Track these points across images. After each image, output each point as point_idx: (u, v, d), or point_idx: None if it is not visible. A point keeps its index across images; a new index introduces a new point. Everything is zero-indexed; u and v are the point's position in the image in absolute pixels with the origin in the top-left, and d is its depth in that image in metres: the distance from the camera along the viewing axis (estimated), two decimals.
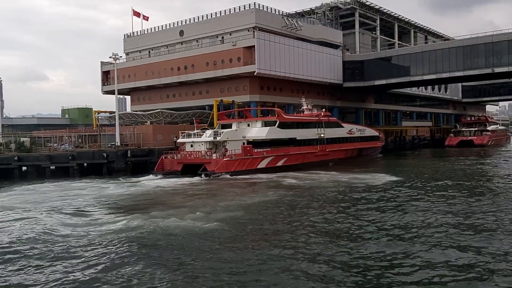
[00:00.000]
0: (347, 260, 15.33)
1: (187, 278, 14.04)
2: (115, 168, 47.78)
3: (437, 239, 17.54)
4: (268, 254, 16.04)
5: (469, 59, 66.84)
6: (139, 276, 14.15)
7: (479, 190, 30.95)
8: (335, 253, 16.08)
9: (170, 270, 14.68)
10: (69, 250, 17.19)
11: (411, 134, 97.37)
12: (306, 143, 53.12)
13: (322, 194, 30.58)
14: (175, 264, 15.33)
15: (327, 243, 17.36)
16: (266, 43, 61.13)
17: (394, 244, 17.12)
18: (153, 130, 54.71)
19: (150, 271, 14.54)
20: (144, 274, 14.32)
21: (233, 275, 14.09)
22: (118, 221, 22.22)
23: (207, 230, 19.89)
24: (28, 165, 47.95)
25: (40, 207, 27.02)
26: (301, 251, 16.31)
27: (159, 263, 15.39)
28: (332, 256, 15.75)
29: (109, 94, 79.23)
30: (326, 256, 15.75)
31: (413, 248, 16.48)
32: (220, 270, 14.57)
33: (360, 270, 14.36)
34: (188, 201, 29.08)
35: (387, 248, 16.51)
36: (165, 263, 15.38)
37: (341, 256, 15.72)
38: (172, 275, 14.18)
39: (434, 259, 15.17)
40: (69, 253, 16.71)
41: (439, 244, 16.89)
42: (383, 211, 23.68)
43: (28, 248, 17.40)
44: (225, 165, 42.89)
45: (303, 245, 17.10)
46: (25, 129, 79.12)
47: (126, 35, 79.47)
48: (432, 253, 15.79)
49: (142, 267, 15.00)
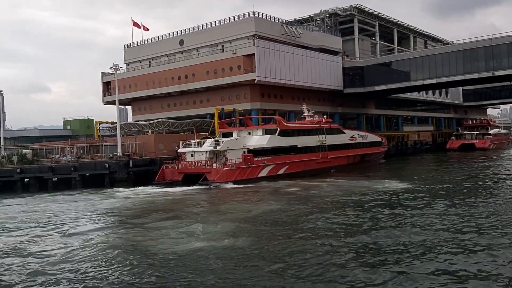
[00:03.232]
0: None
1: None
2: (117, 179, 47.73)
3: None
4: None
5: (469, 63, 66.81)
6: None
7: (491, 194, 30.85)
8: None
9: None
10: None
11: (413, 139, 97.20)
12: (307, 150, 52.98)
13: (328, 203, 30.43)
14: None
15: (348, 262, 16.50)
16: (266, 51, 61.31)
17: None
18: (155, 139, 54.73)
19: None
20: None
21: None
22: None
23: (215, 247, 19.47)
24: (30, 177, 47.99)
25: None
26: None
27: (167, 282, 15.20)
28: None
29: (110, 104, 79.41)
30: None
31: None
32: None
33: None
34: (174, 215, 28.31)
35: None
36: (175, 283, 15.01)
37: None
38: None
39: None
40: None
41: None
42: (397, 221, 23.53)
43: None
44: (225, 174, 42.83)
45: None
46: (27, 141, 79.28)
47: (127, 45, 79.81)
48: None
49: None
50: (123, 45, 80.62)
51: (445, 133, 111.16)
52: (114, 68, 54.32)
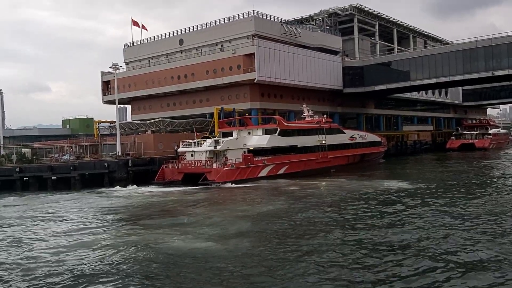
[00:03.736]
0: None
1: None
2: (116, 178, 47.66)
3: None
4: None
5: (468, 63, 66.78)
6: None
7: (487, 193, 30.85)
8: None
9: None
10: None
11: (412, 139, 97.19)
12: (307, 150, 52.93)
13: (327, 203, 30.41)
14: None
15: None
16: (266, 51, 61.24)
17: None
18: (154, 139, 54.64)
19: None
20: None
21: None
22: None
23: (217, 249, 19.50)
24: (29, 176, 47.90)
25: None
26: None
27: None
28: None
29: (109, 104, 79.35)
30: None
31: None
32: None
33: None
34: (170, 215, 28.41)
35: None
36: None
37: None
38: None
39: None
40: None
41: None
42: (400, 222, 23.54)
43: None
44: (225, 174, 42.77)
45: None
46: (27, 140, 79.12)
47: (126, 44, 79.73)
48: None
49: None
50: (123, 45, 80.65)
51: (445, 133, 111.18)
52: (113, 68, 54.27)
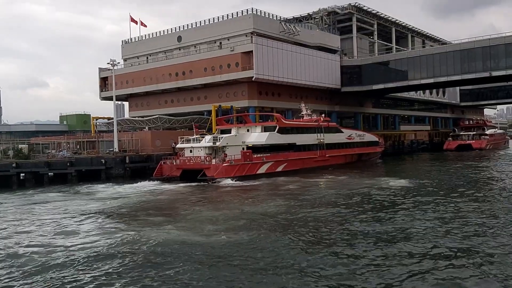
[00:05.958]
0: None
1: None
2: (113, 174, 47.57)
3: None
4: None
5: (466, 63, 66.92)
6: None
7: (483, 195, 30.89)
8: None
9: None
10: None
11: (409, 138, 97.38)
12: (305, 148, 53.01)
13: (326, 200, 30.38)
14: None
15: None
16: (264, 48, 61.14)
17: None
18: (152, 136, 54.53)
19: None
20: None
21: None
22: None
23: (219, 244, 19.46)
24: (26, 172, 47.57)
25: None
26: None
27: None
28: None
29: (107, 100, 79.10)
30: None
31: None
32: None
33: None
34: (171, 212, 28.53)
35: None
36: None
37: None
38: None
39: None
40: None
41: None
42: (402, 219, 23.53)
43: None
44: (224, 170, 42.71)
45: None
46: (23, 136, 78.65)
47: (124, 41, 79.47)
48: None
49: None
50: (121, 41, 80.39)
51: (442, 133, 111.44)
52: (111, 64, 54.05)
